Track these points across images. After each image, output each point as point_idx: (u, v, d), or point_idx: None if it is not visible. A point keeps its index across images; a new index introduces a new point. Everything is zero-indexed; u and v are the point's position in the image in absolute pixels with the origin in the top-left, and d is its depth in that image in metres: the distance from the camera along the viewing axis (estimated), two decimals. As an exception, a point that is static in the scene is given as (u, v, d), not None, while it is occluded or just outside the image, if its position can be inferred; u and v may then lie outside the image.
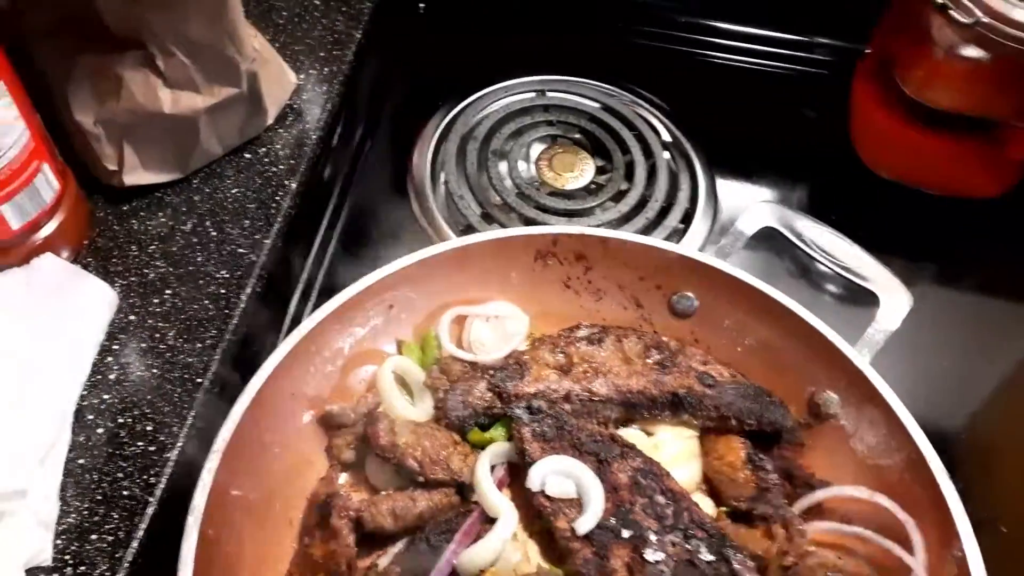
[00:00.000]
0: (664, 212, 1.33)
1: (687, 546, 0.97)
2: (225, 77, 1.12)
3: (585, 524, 0.96)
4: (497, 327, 1.13)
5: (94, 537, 0.94)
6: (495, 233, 1.08)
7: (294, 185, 1.26)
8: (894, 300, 1.09)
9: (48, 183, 1.06)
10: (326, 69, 1.41)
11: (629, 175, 1.38)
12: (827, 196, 1.33)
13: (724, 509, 1.04)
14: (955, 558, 0.92)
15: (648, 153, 1.42)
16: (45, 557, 0.91)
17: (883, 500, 0.99)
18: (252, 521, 0.92)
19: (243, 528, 0.91)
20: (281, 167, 1.28)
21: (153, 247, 1.17)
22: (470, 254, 1.08)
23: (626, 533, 0.97)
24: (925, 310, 1.19)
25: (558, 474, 0.99)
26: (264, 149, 1.30)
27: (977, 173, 1.33)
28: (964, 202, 1.39)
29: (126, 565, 0.93)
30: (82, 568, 0.91)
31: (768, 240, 1.22)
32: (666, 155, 1.42)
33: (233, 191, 1.25)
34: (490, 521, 0.96)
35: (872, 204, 1.39)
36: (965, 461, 1.09)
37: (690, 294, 1.15)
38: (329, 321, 1.00)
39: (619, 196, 1.35)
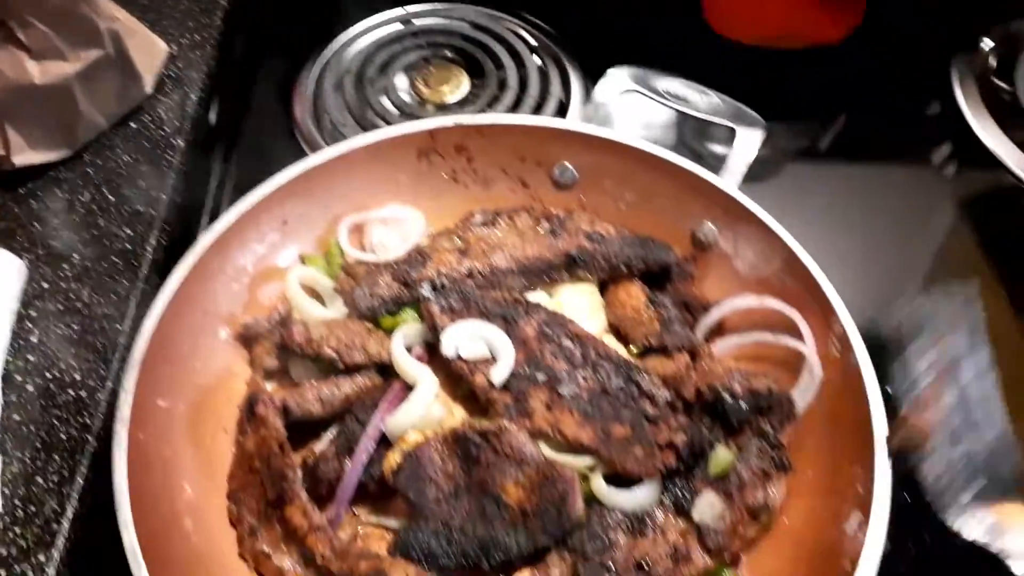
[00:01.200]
0: (539, 107, 1.41)
1: (598, 377, 1.04)
2: (87, 39, 1.16)
3: (499, 374, 1.02)
4: (395, 229, 1.19)
5: (40, 479, 0.97)
6: (371, 135, 1.14)
7: (182, 143, 1.31)
8: (749, 130, 1.18)
9: (-65, 170, 1.09)
10: (197, 36, 1.45)
11: (503, 84, 1.45)
12: (686, 63, 1.41)
13: (634, 350, 1.12)
14: (836, 334, 1.01)
15: (519, 62, 1.49)
16: (-6, 504, 0.95)
17: (770, 301, 1.08)
18: (185, 429, 0.97)
19: (176, 435, 0.95)
20: (167, 129, 1.32)
21: (55, 221, 1.21)
22: (352, 161, 1.14)
23: (540, 377, 1.04)
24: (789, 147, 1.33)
25: (469, 337, 1.05)
26: (148, 116, 1.34)
27: (820, 14, 1.43)
28: (811, 52, 1.50)
29: (74, 499, 0.97)
30: (32, 508, 0.95)
31: (632, 104, 1.29)
32: (536, 59, 1.50)
33: (124, 158, 1.29)
34: (412, 391, 1.02)
35: (729, 65, 1.47)
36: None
37: (568, 164, 1.22)
38: (225, 239, 1.05)
39: (494, 101, 1.42)
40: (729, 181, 1.14)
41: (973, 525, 1.04)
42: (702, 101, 1.21)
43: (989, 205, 1.49)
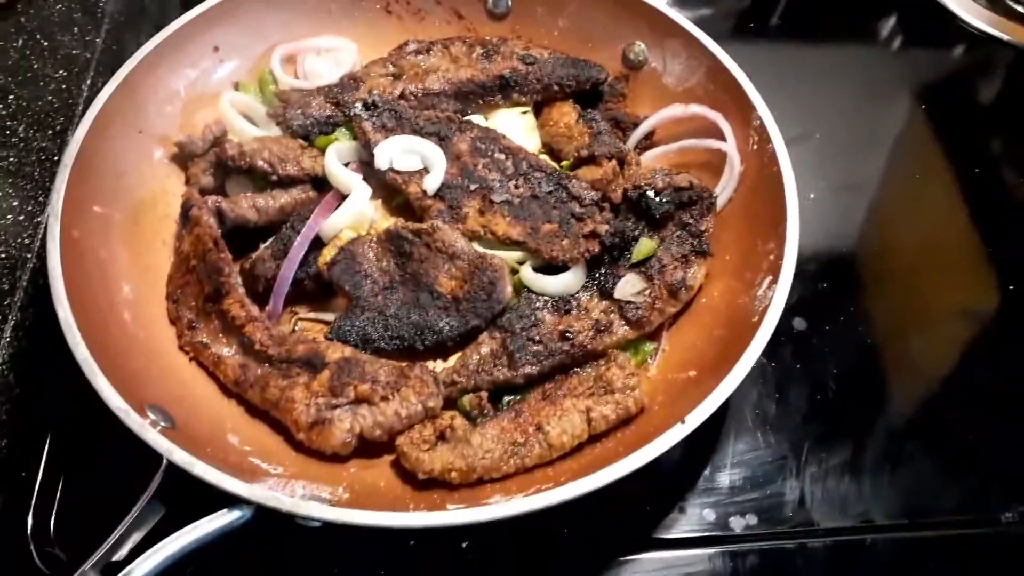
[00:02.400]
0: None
1: (528, 185, 1.07)
2: None
3: (432, 182, 1.05)
4: (329, 59, 1.19)
5: (-20, 296, 1.00)
6: (301, -39, 1.14)
7: (114, -11, 1.30)
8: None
9: None
10: None
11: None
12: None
13: (566, 163, 1.14)
14: (754, 128, 1.04)
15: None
16: (-63, 316, 0.97)
17: (695, 108, 1.11)
18: (122, 236, 0.99)
19: (113, 240, 0.97)
20: (99, -23, 1.32)
21: (-11, 65, 1.21)
22: (283, -13, 1.14)
23: (472, 186, 1.07)
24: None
25: (402, 150, 1.07)
26: (80, -34, 1.33)
27: None
28: None
29: (16, 309, 0.99)
30: (-26, 318, 0.98)
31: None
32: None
33: (58, 7, 1.28)
34: (346, 199, 1.05)
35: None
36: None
37: (502, -8, 1.23)
38: (153, 60, 1.05)
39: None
40: (656, -2, 1.15)
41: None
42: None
43: (936, 83, 1.51)
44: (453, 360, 0.97)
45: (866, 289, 1.12)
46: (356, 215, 1.02)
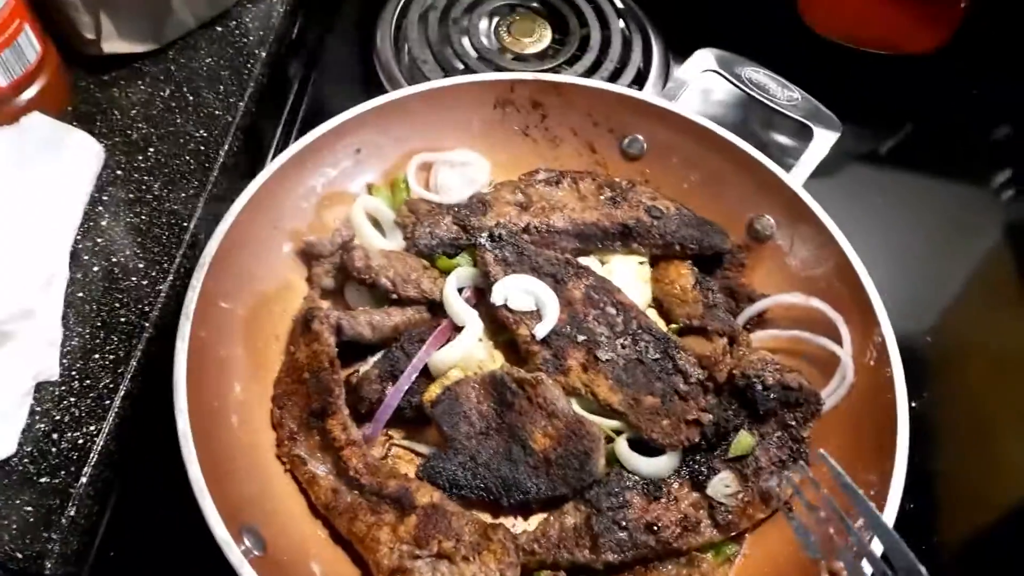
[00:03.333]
0: (617, 73, 1.41)
1: (636, 347, 1.08)
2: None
3: (543, 329, 1.06)
4: (461, 173, 1.21)
5: (96, 356, 1.03)
6: (454, 79, 1.16)
7: (264, 54, 1.33)
8: (825, 131, 1.18)
9: (31, 43, 1.12)
10: (290, -50, 1.46)
11: (584, 43, 1.45)
12: (771, 54, 1.40)
13: (675, 326, 1.14)
14: (875, 344, 1.03)
15: (604, 23, 1.48)
16: (53, 373, 1.01)
17: (816, 303, 1.10)
18: (242, 332, 1.02)
19: (233, 337, 1.00)
20: (251, 38, 1.34)
21: (134, 111, 1.24)
22: (432, 100, 1.15)
23: (580, 338, 1.07)
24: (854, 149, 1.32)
25: (518, 290, 1.09)
26: (234, 22, 1.36)
27: (916, 26, 1.41)
28: (902, 58, 1.49)
29: (127, 378, 1.03)
30: (87, 382, 1.01)
31: (711, 86, 1.30)
32: (621, 23, 1.49)
33: (207, 60, 1.31)
34: (459, 331, 1.06)
35: (813, 61, 1.46)
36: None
37: (639, 136, 1.23)
38: (299, 159, 1.08)
39: (574, 60, 1.42)
40: (797, 179, 1.15)
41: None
42: (782, 94, 1.21)
43: None
44: (534, 522, 0.98)
45: (949, 517, 1.11)
46: (466, 352, 1.04)
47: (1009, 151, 1.56)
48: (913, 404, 1.19)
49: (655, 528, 0.94)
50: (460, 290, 1.10)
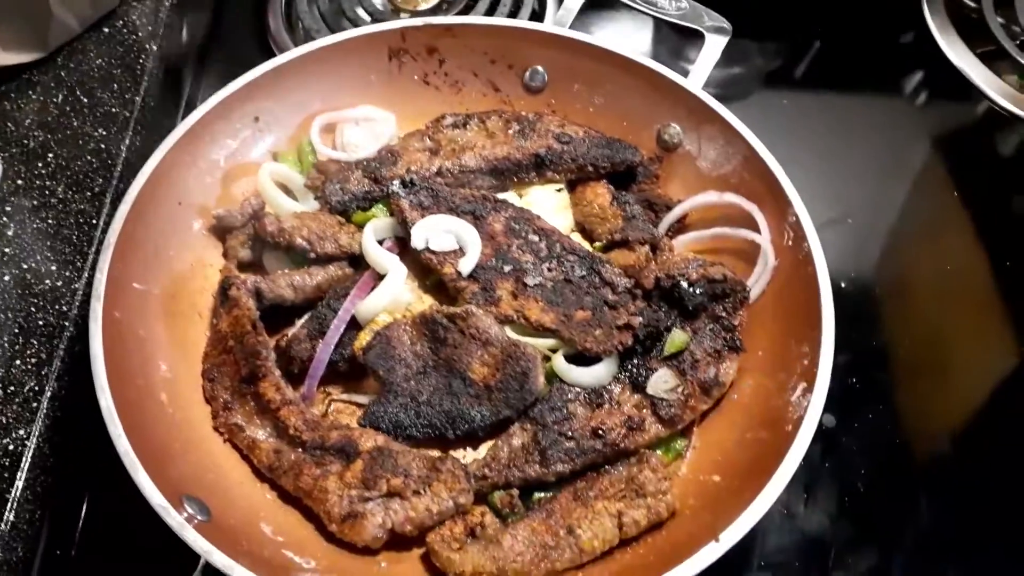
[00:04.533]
0: (512, 16, 1.41)
1: (562, 268, 1.08)
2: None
3: (467, 264, 1.05)
4: (367, 129, 1.20)
5: (18, 362, 1.00)
6: (341, 35, 1.15)
7: (155, 47, 1.31)
8: (715, 35, 1.20)
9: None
10: (170, -57, 1.45)
11: (477, -3, 1.46)
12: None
13: (599, 245, 1.15)
14: (790, 224, 1.05)
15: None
16: (-26, 384, 0.98)
17: (730, 197, 1.11)
18: (160, 312, 1.00)
19: (152, 316, 0.98)
20: (141, 34, 1.33)
21: (28, 121, 1.22)
22: (322, 59, 1.15)
23: (507, 268, 1.07)
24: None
25: (438, 230, 1.08)
26: (121, 21, 1.34)
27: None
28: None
29: (52, 379, 1.00)
30: (12, 388, 0.98)
31: (601, 7, 1.30)
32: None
33: (97, 62, 1.29)
34: (382, 279, 1.05)
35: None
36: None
37: (540, 68, 1.23)
38: (194, 133, 1.06)
39: (468, 10, 1.42)
40: (695, 82, 1.16)
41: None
42: (671, 6, 1.22)
43: (959, 137, 1.51)
44: (484, 450, 0.98)
45: (897, 384, 1.12)
46: (392, 298, 1.03)
47: (917, 54, 1.59)
48: (843, 284, 1.22)
49: (601, 432, 0.94)
50: (381, 242, 1.10)
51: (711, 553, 0.78)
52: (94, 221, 1.14)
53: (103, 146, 1.20)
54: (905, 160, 1.45)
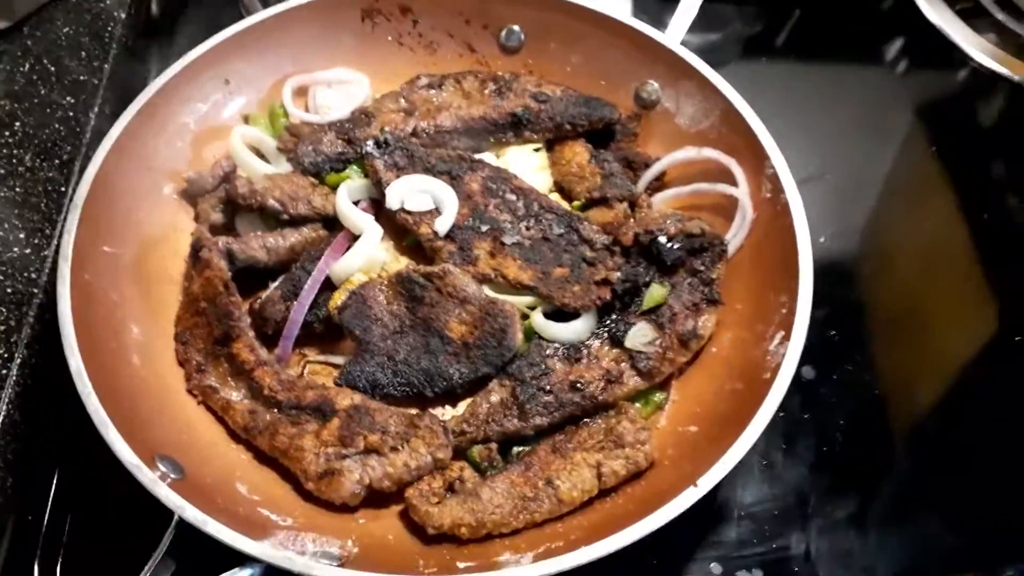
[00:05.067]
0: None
1: (540, 227, 1.07)
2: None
3: (443, 224, 1.04)
4: (340, 92, 1.19)
5: (-13, 330, 0.99)
6: (313, -6, 1.13)
7: (123, 15, 1.29)
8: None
9: None
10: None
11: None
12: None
13: (577, 203, 1.14)
14: (768, 176, 1.04)
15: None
16: (-57, 352, 0.97)
17: (708, 152, 1.10)
18: (131, 276, 0.98)
19: (122, 281, 0.97)
20: (108, 2, 1.30)
21: (-5, 90, 1.20)
22: (294, 20, 1.13)
23: (484, 228, 1.06)
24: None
25: (413, 190, 1.07)
26: (88, -11, 1.32)
27: None
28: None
29: (22, 346, 0.99)
30: (-21, 356, 0.97)
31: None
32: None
33: (65, 30, 1.26)
34: (357, 240, 1.04)
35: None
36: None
37: (516, 27, 1.22)
38: (162, 96, 1.04)
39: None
40: (671, 37, 1.15)
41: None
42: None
43: (939, 103, 1.51)
44: (462, 407, 0.97)
45: (875, 337, 1.12)
46: (367, 258, 1.02)
47: (898, 20, 1.58)
48: (822, 239, 1.22)
49: (579, 386, 0.93)
50: (356, 204, 1.09)
51: (689, 497, 0.78)
52: (63, 189, 1.12)
53: (71, 114, 1.18)
54: (885, 123, 1.44)
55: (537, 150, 1.19)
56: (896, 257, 1.23)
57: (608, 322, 1.00)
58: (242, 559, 0.76)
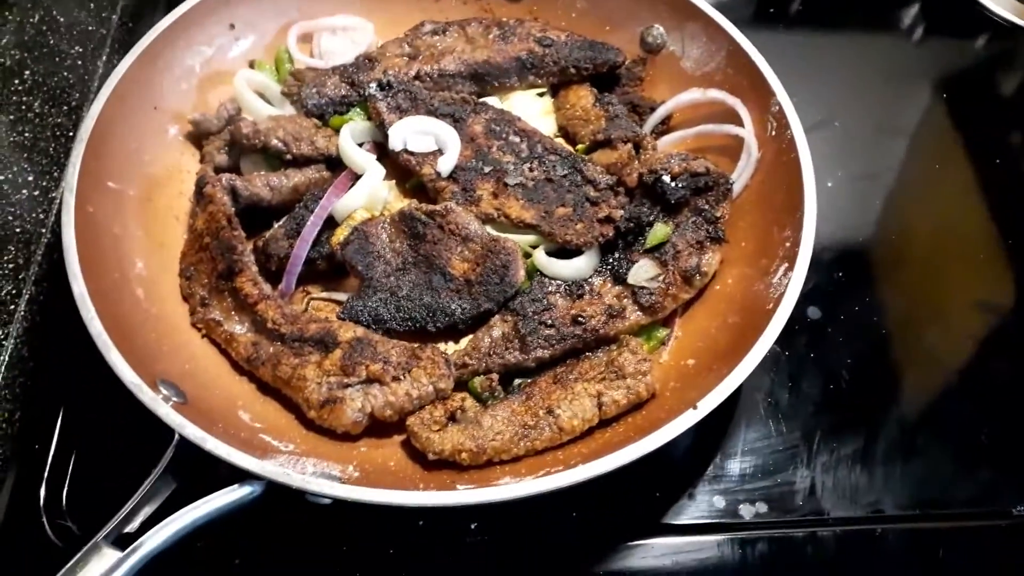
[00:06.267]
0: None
1: (543, 168, 1.06)
2: None
3: (446, 164, 1.04)
4: (345, 38, 1.19)
5: (-4, 267, 1.01)
6: (317, -62, 1.13)
7: (132, -35, 1.30)
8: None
9: None
10: None
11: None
12: None
13: (582, 147, 1.13)
14: (773, 114, 1.03)
15: None
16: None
17: (714, 93, 1.09)
18: (136, 212, 0.99)
19: (127, 216, 0.98)
20: (117, -47, 1.32)
21: (5, 40, 1.19)
22: (298, -36, 1.13)
23: (487, 169, 1.06)
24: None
25: (416, 132, 1.07)
26: (97, -58, 1.33)
27: None
28: None
29: (30, 283, 1.00)
30: (-11, 290, 0.98)
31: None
32: None
33: (74, -18, 1.28)
34: (360, 179, 1.04)
35: None
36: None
37: (520, -27, 1.22)
38: (168, 38, 1.05)
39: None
40: (675, -21, 1.14)
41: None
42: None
43: (957, 76, 1.49)
44: (465, 343, 0.97)
45: (882, 279, 1.11)
46: (370, 195, 1.02)
47: None
48: (829, 183, 1.21)
49: (581, 320, 0.93)
50: (360, 145, 1.09)
51: (688, 419, 0.77)
52: (71, 134, 1.14)
53: (80, 63, 1.20)
54: (896, 79, 1.43)
55: (541, 95, 1.18)
56: (902, 194, 1.22)
57: (611, 260, 0.99)
58: (242, 477, 0.76)
